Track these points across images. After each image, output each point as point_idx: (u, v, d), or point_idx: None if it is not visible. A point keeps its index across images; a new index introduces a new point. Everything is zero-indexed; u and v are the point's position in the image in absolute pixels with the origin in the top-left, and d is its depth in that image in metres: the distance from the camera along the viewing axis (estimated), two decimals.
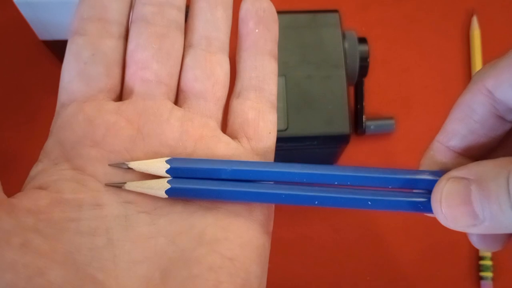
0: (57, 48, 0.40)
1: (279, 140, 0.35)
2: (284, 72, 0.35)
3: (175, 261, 0.19)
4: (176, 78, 0.22)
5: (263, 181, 0.20)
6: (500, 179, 0.16)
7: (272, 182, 0.20)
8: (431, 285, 0.40)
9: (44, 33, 0.38)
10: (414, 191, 0.19)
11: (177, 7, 0.22)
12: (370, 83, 0.43)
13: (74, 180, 0.19)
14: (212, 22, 0.23)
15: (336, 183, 0.19)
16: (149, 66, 0.21)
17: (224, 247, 0.19)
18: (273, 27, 0.23)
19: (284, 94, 0.34)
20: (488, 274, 0.39)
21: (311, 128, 0.34)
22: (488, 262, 0.39)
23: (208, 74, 0.22)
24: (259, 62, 0.23)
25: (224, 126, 0.22)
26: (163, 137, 0.21)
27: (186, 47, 0.23)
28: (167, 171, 0.20)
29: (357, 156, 0.42)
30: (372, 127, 0.42)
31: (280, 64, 0.36)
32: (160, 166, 0.20)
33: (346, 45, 0.37)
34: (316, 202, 0.19)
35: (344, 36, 0.37)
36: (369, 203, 0.19)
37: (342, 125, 0.34)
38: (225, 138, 0.21)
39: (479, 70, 0.19)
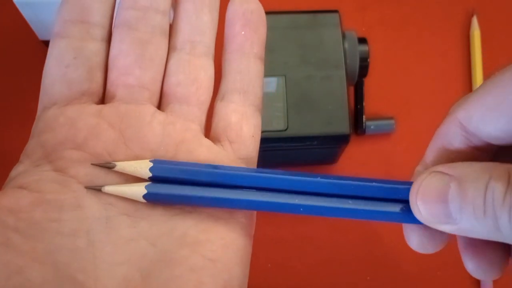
0: None
1: (279, 140, 0.35)
2: (284, 72, 0.35)
3: (156, 262, 0.19)
4: (159, 83, 0.22)
5: (245, 187, 0.20)
6: (480, 182, 0.16)
7: (253, 189, 0.20)
8: (431, 285, 0.40)
9: (44, 33, 0.38)
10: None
11: (161, 11, 0.22)
12: (370, 83, 0.43)
13: (56, 181, 0.19)
14: (197, 25, 0.22)
15: (319, 191, 0.19)
16: (132, 72, 0.21)
17: (205, 248, 0.19)
18: (260, 29, 0.22)
19: (284, 94, 0.34)
20: None
21: (311, 128, 0.34)
22: None
23: (191, 78, 0.22)
24: (244, 65, 0.22)
25: (208, 130, 0.22)
26: (145, 141, 0.20)
27: (170, 50, 0.22)
28: (150, 170, 0.20)
29: (357, 156, 0.42)
30: (372, 127, 0.42)
31: (280, 64, 0.36)
32: (142, 167, 0.20)
33: (346, 45, 0.37)
34: (301, 210, 0.19)
35: (344, 36, 0.37)
36: (350, 212, 0.19)
37: (342, 125, 0.34)
38: (207, 142, 0.21)
39: (455, 103, 0.18)
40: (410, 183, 0.18)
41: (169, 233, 0.19)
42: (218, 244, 0.19)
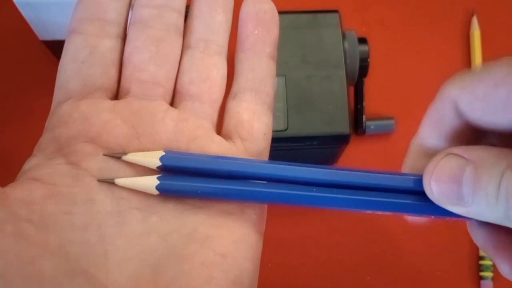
0: (57, 48, 0.40)
1: (279, 140, 0.35)
2: (284, 72, 0.35)
3: (166, 257, 0.19)
4: (173, 80, 0.22)
5: (257, 179, 0.20)
6: (496, 169, 0.16)
7: (265, 182, 0.20)
8: (431, 285, 0.40)
9: (44, 33, 0.38)
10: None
11: (176, 10, 0.22)
12: (370, 83, 0.43)
13: (69, 175, 0.19)
14: (211, 25, 0.23)
15: (331, 182, 0.19)
16: (146, 68, 0.21)
17: (216, 243, 0.19)
18: (273, 29, 0.23)
19: (284, 94, 0.34)
20: (488, 274, 0.39)
21: (311, 128, 0.34)
22: (488, 262, 0.39)
23: (204, 77, 0.22)
24: (256, 64, 0.22)
25: (220, 128, 0.22)
26: (157, 136, 0.21)
27: (184, 48, 0.23)
28: (160, 161, 0.20)
29: (357, 156, 0.42)
30: (372, 127, 0.42)
31: (280, 64, 0.36)
32: (154, 158, 0.20)
33: (346, 45, 0.37)
34: (312, 202, 0.19)
35: (344, 36, 0.37)
36: (367, 204, 0.19)
37: (342, 125, 0.34)
38: (219, 138, 0.21)
39: (449, 79, 0.19)
40: (421, 176, 0.19)
41: (179, 228, 0.20)
42: (228, 239, 0.19)
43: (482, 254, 0.40)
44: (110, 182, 0.20)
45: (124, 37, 0.22)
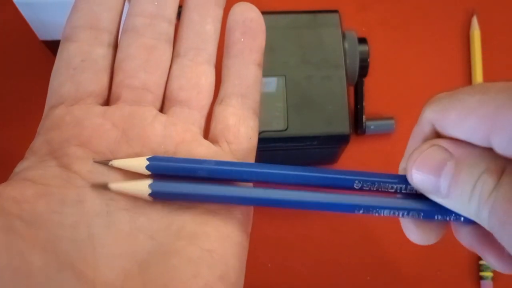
0: (57, 48, 0.40)
1: (279, 140, 0.35)
2: (284, 72, 0.35)
3: (153, 254, 0.19)
4: (162, 87, 0.23)
5: (243, 181, 0.20)
6: (475, 169, 0.17)
7: (251, 184, 0.20)
8: (431, 285, 0.40)
9: (44, 33, 0.38)
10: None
11: (167, 19, 0.23)
12: (370, 83, 0.43)
13: (60, 177, 0.20)
14: (201, 34, 0.23)
15: (316, 184, 0.20)
16: (137, 75, 0.22)
17: (202, 240, 0.20)
18: (260, 36, 0.23)
19: (284, 94, 0.34)
20: (488, 274, 0.39)
21: (311, 128, 0.34)
22: None
23: (193, 83, 0.23)
24: (243, 71, 0.23)
25: (207, 133, 0.23)
26: (146, 140, 0.21)
27: (174, 56, 0.23)
28: (147, 168, 0.20)
29: (357, 156, 0.42)
30: (372, 127, 0.42)
31: (280, 64, 0.36)
32: (141, 164, 0.20)
33: (346, 45, 0.37)
34: (302, 205, 0.20)
35: (344, 36, 0.37)
36: (359, 210, 0.19)
37: (342, 125, 0.34)
38: (206, 142, 0.22)
39: (429, 100, 0.19)
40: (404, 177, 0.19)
41: (167, 227, 0.20)
42: (215, 236, 0.20)
43: None
44: (103, 187, 0.20)
45: (115, 45, 0.23)
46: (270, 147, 0.34)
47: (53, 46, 0.40)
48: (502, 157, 0.17)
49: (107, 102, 0.23)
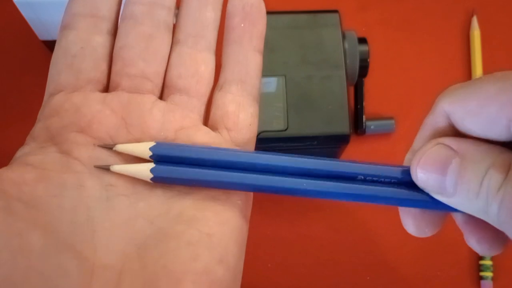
0: None
1: (279, 140, 0.35)
2: (284, 72, 0.35)
3: (153, 237, 0.20)
4: (161, 75, 0.23)
5: (245, 169, 0.20)
6: (481, 165, 0.17)
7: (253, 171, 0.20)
8: (431, 285, 0.40)
9: (44, 33, 0.38)
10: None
11: (166, 7, 0.23)
12: (370, 83, 0.43)
13: (60, 162, 0.20)
14: (200, 21, 0.23)
15: (319, 173, 0.20)
16: (135, 64, 0.22)
17: (202, 224, 0.20)
18: (260, 22, 0.23)
19: (284, 94, 0.34)
20: (488, 274, 0.39)
21: (311, 128, 0.34)
22: (488, 262, 0.39)
23: (192, 71, 0.23)
24: (242, 57, 0.23)
25: (207, 120, 0.23)
26: (145, 127, 0.21)
27: (173, 43, 0.23)
28: (151, 155, 0.20)
29: (357, 156, 0.42)
30: (372, 127, 0.42)
31: (280, 64, 0.36)
32: (145, 149, 0.20)
33: (346, 45, 0.37)
34: (303, 192, 0.20)
35: (344, 36, 0.37)
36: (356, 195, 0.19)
37: (342, 125, 0.34)
38: (205, 129, 0.22)
39: (443, 91, 0.19)
40: (408, 167, 0.19)
41: (166, 212, 0.20)
42: (214, 220, 0.20)
43: (482, 254, 0.40)
44: (106, 169, 0.20)
45: (114, 33, 0.23)
46: (270, 147, 0.34)
47: (53, 46, 0.40)
48: (509, 152, 0.16)
49: (106, 89, 0.22)
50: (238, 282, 0.20)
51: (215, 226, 0.20)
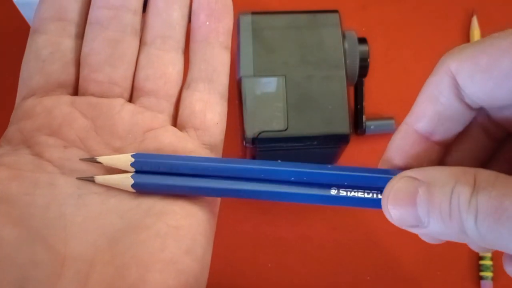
0: None
1: (279, 140, 0.35)
2: (284, 72, 0.35)
3: (123, 230, 0.20)
4: (130, 79, 0.23)
5: (225, 178, 0.21)
6: (447, 187, 0.16)
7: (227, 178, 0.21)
8: (431, 285, 0.40)
9: None
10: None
11: (132, 10, 0.23)
12: (370, 83, 0.43)
13: (32, 163, 0.20)
14: (167, 21, 0.23)
15: (293, 179, 0.20)
16: (102, 69, 0.22)
17: (170, 217, 0.20)
18: (226, 18, 0.23)
19: (284, 94, 0.34)
20: (488, 274, 0.39)
21: (311, 128, 0.34)
22: (488, 262, 0.39)
23: (160, 73, 0.23)
24: (209, 55, 0.23)
25: (176, 119, 0.23)
26: (114, 128, 0.22)
27: (141, 44, 0.23)
28: (132, 165, 0.21)
29: (357, 156, 0.42)
30: (372, 127, 0.42)
31: (280, 64, 0.36)
32: (125, 160, 0.21)
33: (346, 45, 0.37)
34: (276, 198, 0.20)
35: (344, 36, 0.37)
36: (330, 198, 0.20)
37: (342, 125, 0.34)
38: (173, 128, 0.22)
39: (448, 52, 0.18)
40: (388, 171, 0.19)
41: (137, 206, 0.21)
42: (181, 213, 0.21)
43: (482, 254, 0.40)
44: (90, 180, 0.21)
45: (83, 36, 0.23)
46: (270, 147, 0.34)
47: None
48: (472, 168, 0.16)
49: (76, 93, 0.23)
50: (206, 272, 0.21)
51: (182, 219, 0.20)
